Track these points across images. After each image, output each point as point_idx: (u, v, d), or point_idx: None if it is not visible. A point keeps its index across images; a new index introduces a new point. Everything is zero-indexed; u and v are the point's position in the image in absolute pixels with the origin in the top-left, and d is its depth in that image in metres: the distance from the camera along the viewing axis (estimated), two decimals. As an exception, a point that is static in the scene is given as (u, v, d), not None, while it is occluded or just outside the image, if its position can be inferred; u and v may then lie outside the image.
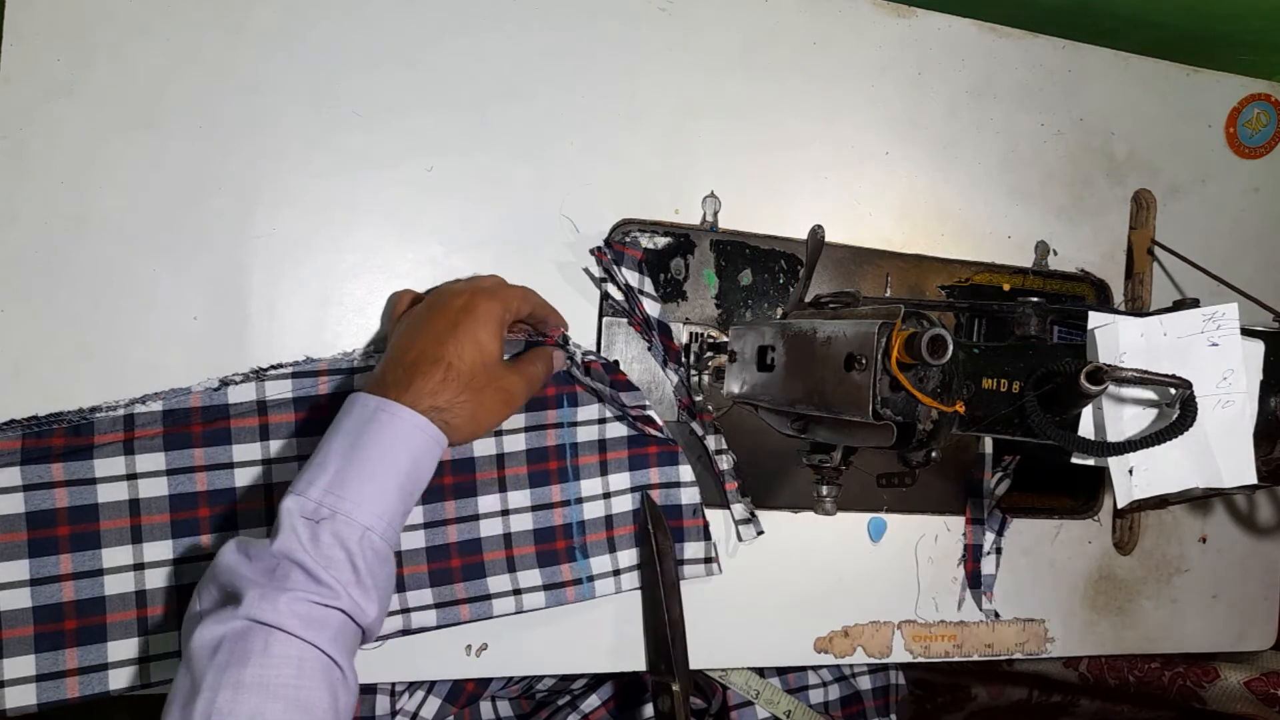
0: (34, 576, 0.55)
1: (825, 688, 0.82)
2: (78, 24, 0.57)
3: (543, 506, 0.64)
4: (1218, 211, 0.85)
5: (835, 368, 0.52)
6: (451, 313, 0.55)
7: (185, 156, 0.59)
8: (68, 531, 0.55)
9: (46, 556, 0.55)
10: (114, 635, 0.56)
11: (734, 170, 0.71)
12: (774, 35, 0.72)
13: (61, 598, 0.55)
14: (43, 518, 0.55)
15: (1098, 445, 0.49)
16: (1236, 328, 0.51)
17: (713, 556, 0.68)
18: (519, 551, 0.64)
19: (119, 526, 0.56)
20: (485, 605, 0.63)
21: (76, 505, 0.55)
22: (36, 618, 0.55)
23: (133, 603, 0.56)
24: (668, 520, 0.67)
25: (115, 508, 0.56)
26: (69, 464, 0.55)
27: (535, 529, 0.64)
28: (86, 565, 0.56)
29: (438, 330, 0.55)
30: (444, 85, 0.64)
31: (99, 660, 0.56)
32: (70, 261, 0.57)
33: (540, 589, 0.64)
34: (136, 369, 0.58)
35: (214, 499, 0.58)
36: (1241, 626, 0.87)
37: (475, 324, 0.55)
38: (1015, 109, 0.79)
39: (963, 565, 0.77)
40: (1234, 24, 0.87)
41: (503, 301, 0.57)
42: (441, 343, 0.54)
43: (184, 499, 0.57)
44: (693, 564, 0.67)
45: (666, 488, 0.67)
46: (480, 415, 0.55)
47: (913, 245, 0.76)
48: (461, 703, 0.74)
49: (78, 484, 0.55)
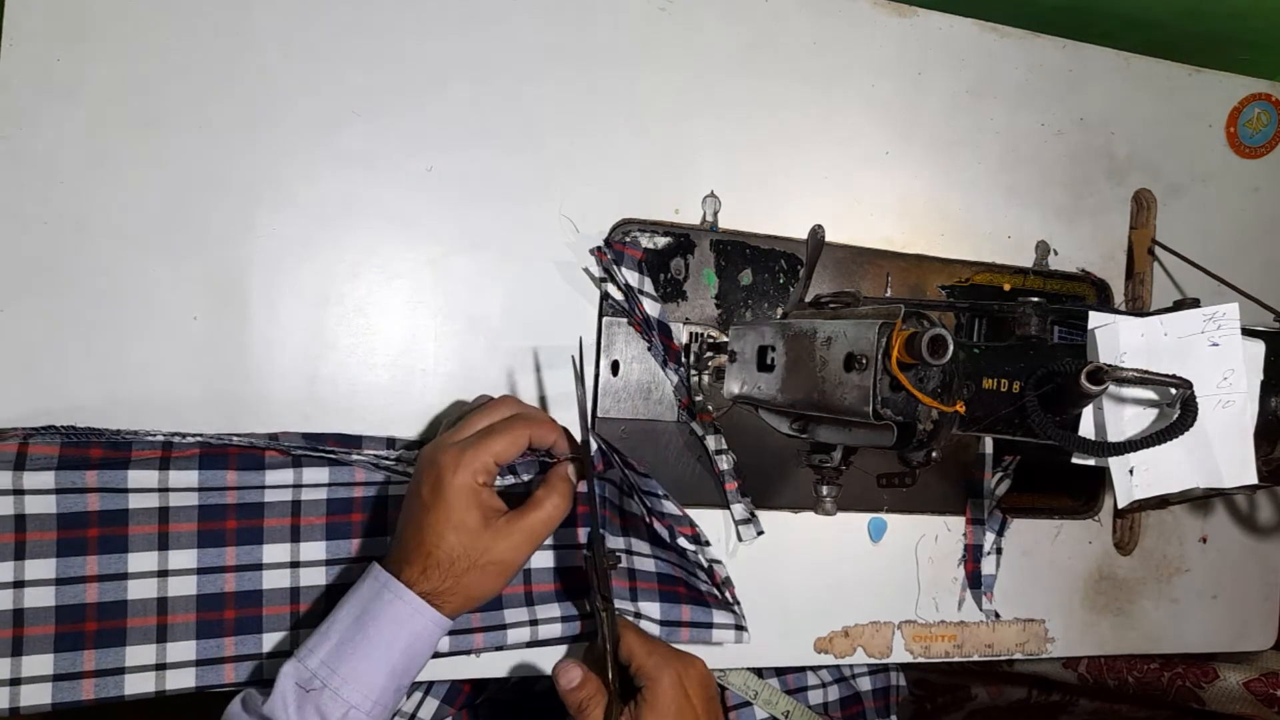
0: (60, 576, 0.55)
1: (824, 688, 0.82)
2: (78, 24, 0.57)
3: (572, 618, 0.64)
4: (1218, 211, 0.85)
5: (835, 368, 0.52)
6: (424, 496, 0.54)
7: (185, 156, 0.59)
8: (96, 534, 0.56)
9: (74, 557, 0.55)
10: (133, 640, 0.56)
11: (734, 170, 0.71)
12: (774, 35, 0.72)
13: (85, 599, 0.56)
14: (73, 519, 0.55)
15: (1098, 445, 0.49)
16: (1237, 328, 0.51)
17: (743, 625, 0.67)
18: (538, 588, 0.64)
19: (146, 532, 0.57)
20: (500, 635, 0.62)
21: (107, 510, 0.56)
22: (59, 617, 0.55)
23: (154, 609, 0.57)
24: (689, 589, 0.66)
25: (145, 514, 0.57)
26: (103, 472, 0.55)
27: (555, 568, 0.64)
28: (112, 568, 0.56)
29: (416, 515, 0.54)
30: (444, 85, 0.64)
31: (116, 664, 0.56)
32: (70, 261, 0.57)
33: (558, 621, 0.63)
34: (136, 369, 0.58)
35: (242, 512, 0.58)
36: (1241, 627, 0.87)
37: (446, 507, 0.53)
38: (1015, 109, 0.79)
39: (963, 565, 0.77)
40: (1234, 24, 0.87)
41: (475, 465, 0.53)
42: (420, 529, 0.53)
43: (212, 510, 0.58)
44: (720, 629, 0.67)
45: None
46: (472, 593, 0.54)
47: (913, 245, 0.76)
48: (459, 703, 0.74)
49: (110, 491, 0.56)
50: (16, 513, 0.54)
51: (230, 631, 0.58)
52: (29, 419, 0.56)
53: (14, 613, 0.54)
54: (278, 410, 0.61)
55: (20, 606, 0.55)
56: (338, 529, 0.60)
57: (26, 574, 0.55)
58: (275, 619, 0.59)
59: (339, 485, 0.60)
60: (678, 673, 0.55)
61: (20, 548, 0.54)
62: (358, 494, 0.61)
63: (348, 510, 0.61)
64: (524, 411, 0.58)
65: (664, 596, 0.65)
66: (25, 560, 0.55)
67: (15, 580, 0.54)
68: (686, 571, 0.67)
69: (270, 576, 0.59)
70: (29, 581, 0.55)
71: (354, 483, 0.61)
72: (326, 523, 0.60)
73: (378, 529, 0.61)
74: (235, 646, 0.58)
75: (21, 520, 0.54)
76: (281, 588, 0.59)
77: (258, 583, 0.58)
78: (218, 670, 0.58)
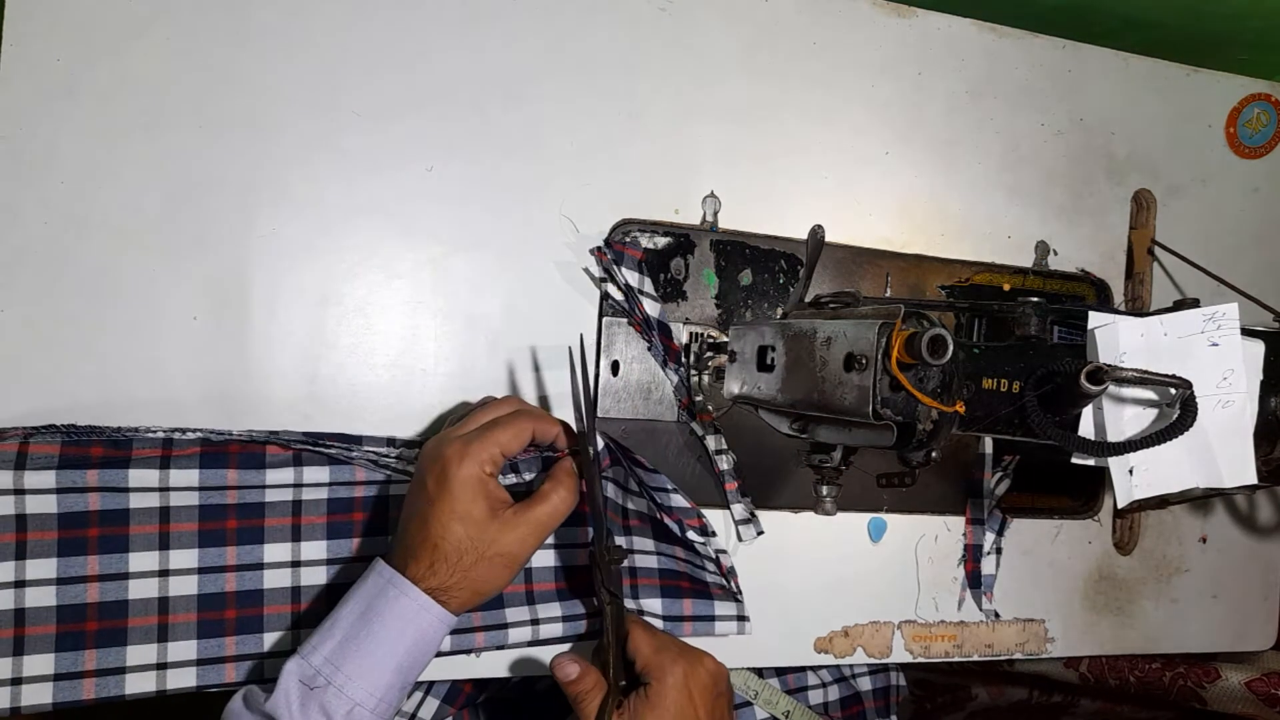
0: (61, 576, 0.55)
1: (825, 688, 0.82)
2: (78, 24, 0.57)
3: (573, 618, 0.64)
4: (1218, 211, 0.85)
5: (835, 368, 0.52)
6: (429, 489, 0.53)
7: (185, 156, 0.59)
8: (97, 534, 0.56)
9: (75, 556, 0.55)
10: (134, 640, 0.56)
11: (734, 170, 0.71)
12: (774, 35, 0.72)
13: (86, 599, 0.56)
14: (74, 519, 0.55)
15: (1098, 445, 0.49)
16: (1236, 328, 0.51)
17: (745, 615, 0.68)
18: (539, 588, 0.64)
19: (147, 532, 0.57)
20: (502, 634, 0.62)
21: (108, 509, 0.56)
22: (60, 617, 0.55)
23: (155, 608, 0.57)
24: (693, 583, 0.66)
25: (145, 514, 0.57)
26: (104, 471, 0.55)
27: (557, 566, 0.64)
28: (113, 568, 0.56)
29: (420, 508, 0.54)
30: (444, 85, 0.64)
31: (117, 663, 0.56)
32: (70, 261, 0.57)
33: (559, 620, 0.63)
34: (136, 369, 0.58)
35: (243, 512, 0.58)
36: (1241, 626, 0.87)
37: (452, 498, 0.53)
38: (1015, 109, 0.79)
39: (963, 565, 0.77)
40: (1234, 24, 0.87)
41: (481, 456, 0.53)
42: (425, 523, 0.53)
43: (213, 510, 0.58)
44: (723, 621, 0.67)
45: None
46: (480, 587, 0.54)
47: (913, 245, 0.76)
48: (460, 703, 0.74)
49: (111, 490, 0.56)
50: (17, 512, 0.54)
51: (231, 631, 0.58)
52: (29, 419, 0.56)
53: (15, 612, 0.54)
54: (278, 410, 0.61)
55: (21, 606, 0.55)
56: (339, 528, 0.60)
57: (28, 574, 0.55)
58: (276, 618, 0.59)
59: (340, 485, 0.60)
60: (684, 671, 0.55)
61: (21, 547, 0.55)
62: (359, 493, 0.61)
63: (349, 509, 0.61)
64: (526, 408, 0.58)
65: (665, 592, 0.65)
66: (26, 560, 0.55)
67: (16, 580, 0.55)
68: (692, 565, 0.67)
69: (271, 576, 0.59)
70: (30, 581, 0.55)
71: (355, 482, 0.61)
72: (327, 522, 0.60)
73: (379, 528, 0.61)
74: (236, 646, 0.58)
75: (23, 520, 0.54)
76: (282, 587, 0.59)
77: (259, 582, 0.59)
78: (219, 670, 0.58)
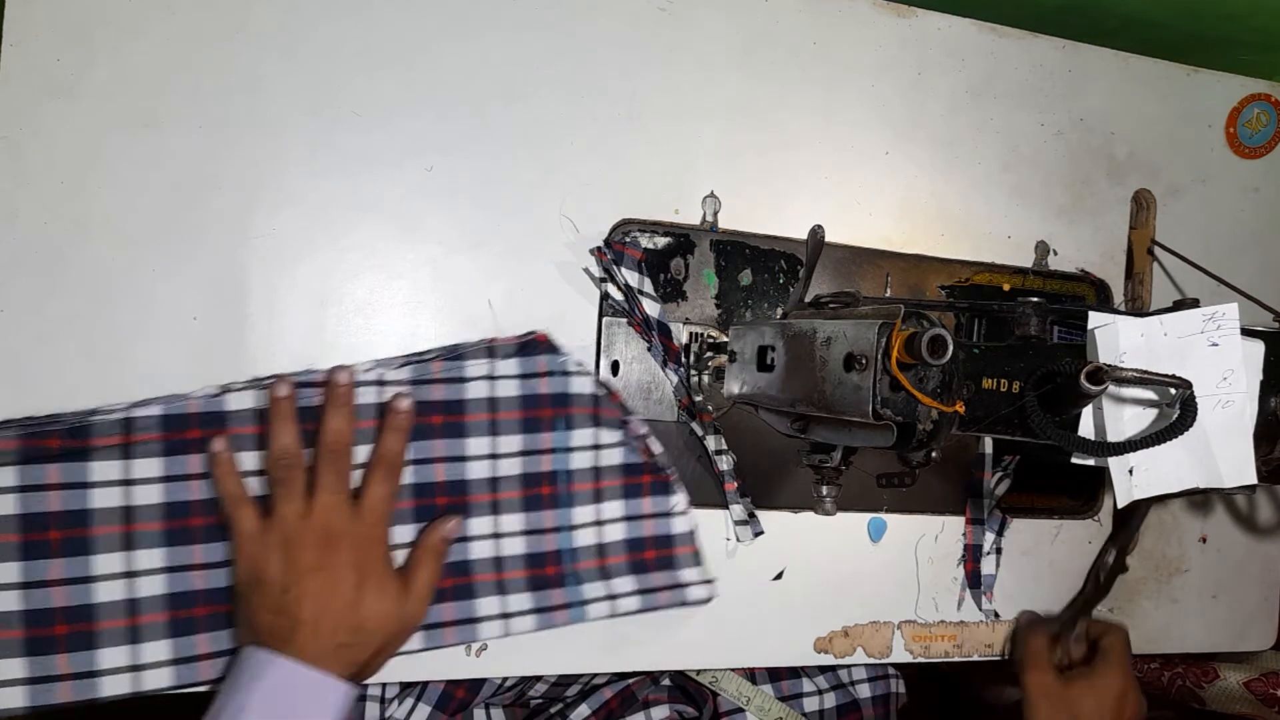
0: (26, 580, 0.54)
1: (820, 695, 0.81)
2: (78, 24, 0.57)
3: (535, 531, 0.63)
4: (1218, 211, 0.85)
5: (835, 368, 0.52)
6: None
7: (185, 156, 0.59)
8: (58, 536, 0.54)
9: (38, 560, 0.54)
10: (104, 643, 0.55)
11: (734, 170, 0.71)
12: (774, 35, 0.72)
13: (52, 603, 0.54)
14: (35, 521, 0.54)
15: (1098, 445, 0.49)
16: (1236, 328, 0.51)
17: (710, 579, 0.67)
18: (509, 575, 0.63)
19: (111, 533, 0.55)
20: (471, 629, 0.62)
21: (69, 510, 0.55)
22: (27, 621, 0.54)
23: (123, 611, 0.56)
24: (659, 549, 0.66)
25: (108, 514, 0.55)
26: (65, 465, 0.54)
27: (527, 554, 0.63)
28: (76, 571, 0.55)
29: None
30: (444, 85, 0.64)
31: (89, 667, 0.55)
32: (70, 262, 0.57)
33: (530, 613, 0.63)
34: (136, 369, 0.58)
35: (208, 508, 0.57)
36: (1241, 626, 0.87)
37: None
38: (1015, 109, 0.79)
39: (963, 565, 0.77)
40: (1234, 24, 0.87)
41: None
42: None
43: (178, 507, 0.56)
44: (693, 587, 0.67)
45: (658, 517, 0.66)
46: None
47: (913, 245, 0.76)
48: (452, 709, 0.73)
49: (72, 488, 0.54)
50: None
51: (203, 629, 0.57)
52: (29, 419, 0.56)
53: None
54: (278, 410, 0.60)
55: None
56: None
57: None
58: None
59: None
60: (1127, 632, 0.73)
61: None
62: None
63: None
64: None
65: (634, 567, 0.65)
66: None
67: None
68: (655, 521, 0.66)
69: None
70: None
71: None
72: None
73: None
74: (209, 644, 0.57)
75: None
76: None
77: (226, 579, 0.57)
78: (193, 668, 0.57)
